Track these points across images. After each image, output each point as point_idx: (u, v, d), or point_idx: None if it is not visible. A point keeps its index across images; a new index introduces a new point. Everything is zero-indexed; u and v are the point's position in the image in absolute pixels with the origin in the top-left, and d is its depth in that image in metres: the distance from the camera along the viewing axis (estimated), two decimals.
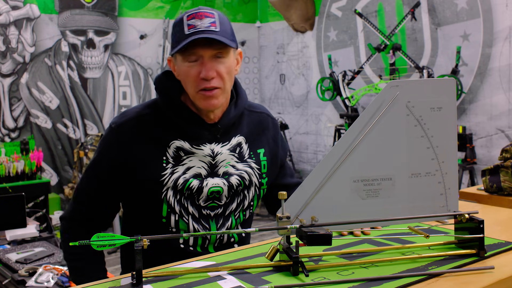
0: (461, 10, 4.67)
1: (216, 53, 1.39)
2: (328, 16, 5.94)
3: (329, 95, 5.48)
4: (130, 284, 1.01)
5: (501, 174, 1.79)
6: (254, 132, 1.56)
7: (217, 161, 1.47)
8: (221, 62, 1.40)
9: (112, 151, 1.45)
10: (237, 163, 1.50)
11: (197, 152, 1.45)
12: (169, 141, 1.44)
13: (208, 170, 1.46)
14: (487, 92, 4.53)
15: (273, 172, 1.60)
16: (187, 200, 1.44)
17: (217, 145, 1.47)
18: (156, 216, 1.44)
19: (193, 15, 1.39)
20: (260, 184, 1.54)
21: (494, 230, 1.36)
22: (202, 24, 1.37)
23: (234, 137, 1.51)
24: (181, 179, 1.42)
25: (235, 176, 1.48)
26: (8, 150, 4.90)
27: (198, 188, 1.43)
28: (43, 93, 5.31)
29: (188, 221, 1.44)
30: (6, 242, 2.96)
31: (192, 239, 1.46)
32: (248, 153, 1.53)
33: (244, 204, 1.52)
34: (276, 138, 1.62)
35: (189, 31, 1.37)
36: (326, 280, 1.03)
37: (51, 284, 2.28)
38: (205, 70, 1.37)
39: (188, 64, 1.40)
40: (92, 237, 1.00)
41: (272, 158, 1.59)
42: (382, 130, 1.14)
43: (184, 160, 1.44)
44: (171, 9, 6.13)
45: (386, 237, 1.29)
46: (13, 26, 5.12)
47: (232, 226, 1.50)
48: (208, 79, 1.38)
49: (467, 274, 1.06)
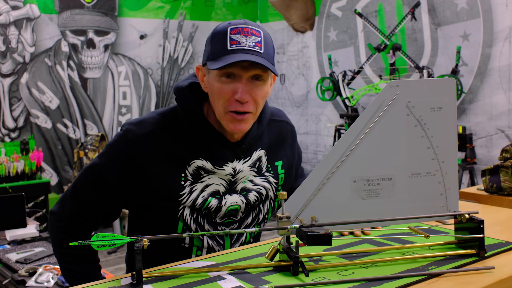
0: (461, 10, 4.67)
1: (255, 75, 1.30)
2: (328, 16, 5.94)
3: (329, 95, 5.48)
4: (130, 284, 1.01)
5: (501, 174, 1.79)
6: (274, 143, 1.51)
7: (236, 178, 1.42)
8: (258, 86, 1.31)
9: (124, 160, 1.36)
10: (255, 178, 1.45)
11: (219, 172, 1.39)
12: (190, 160, 1.37)
13: (227, 187, 1.41)
14: (487, 92, 4.53)
15: (288, 183, 1.56)
16: (203, 219, 1.40)
17: (238, 162, 1.42)
18: (169, 233, 1.39)
19: (238, 29, 1.29)
20: (275, 196, 1.51)
21: (494, 230, 1.36)
22: (247, 42, 1.28)
23: (256, 151, 1.46)
24: (200, 198, 1.37)
25: (253, 192, 1.44)
26: (8, 150, 4.90)
27: (217, 208, 1.39)
28: (43, 93, 5.31)
29: (202, 238, 1.40)
30: (6, 242, 2.96)
31: (205, 254, 1.41)
32: (266, 166, 1.48)
33: (259, 218, 1.49)
34: (293, 147, 1.58)
35: (232, 46, 1.27)
36: (326, 280, 1.03)
37: (51, 284, 2.28)
38: (241, 93, 1.28)
39: (223, 80, 1.30)
40: (92, 237, 1.00)
41: (289, 169, 1.55)
42: (382, 130, 1.14)
43: (203, 178, 1.39)
44: (171, 9, 6.13)
45: (386, 237, 1.29)
46: (13, 26, 5.12)
47: (246, 240, 1.47)
48: (243, 102, 1.29)
49: (467, 274, 1.06)
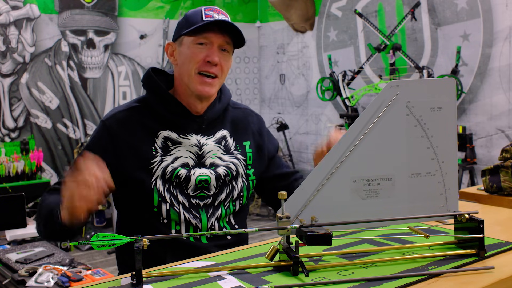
0: (461, 10, 4.67)
1: (223, 44, 1.49)
2: (328, 16, 5.94)
3: (329, 95, 5.48)
4: (130, 284, 1.01)
5: (501, 174, 1.79)
6: (239, 125, 1.63)
7: (203, 151, 1.52)
8: (225, 55, 1.51)
9: (103, 141, 1.49)
10: (224, 155, 1.56)
11: (184, 142, 1.51)
12: (157, 131, 1.50)
13: (196, 161, 1.51)
14: (487, 92, 4.53)
15: (259, 164, 1.64)
16: (176, 189, 1.48)
17: (202, 137, 1.54)
18: (147, 206, 1.46)
19: (210, 8, 1.49)
20: (247, 175, 1.59)
21: (494, 230, 1.36)
22: (219, 17, 1.48)
23: (219, 131, 1.58)
24: (170, 167, 1.47)
25: (222, 167, 1.53)
26: (8, 150, 4.90)
27: (186, 177, 1.48)
28: (43, 93, 5.31)
29: (179, 210, 1.47)
30: (6, 242, 2.96)
31: (184, 229, 1.48)
32: (234, 146, 1.59)
33: (233, 194, 1.55)
34: (261, 131, 1.68)
35: (207, 19, 1.47)
36: (326, 280, 1.03)
37: (51, 284, 2.28)
38: (212, 55, 1.47)
39: (196, 46, 1.48)
40: (92, 237, 1.00)
41: (258, 150, 1.64)
42: (382, 130, 1.14)
43: (172, 150, 1.50)
44: (171, 9, 6.12)
45: (386, 237, 1.29)
46: (13, 26, 5.12)
47: (222, 215, 1.53)
48: (212, 64, 1.47)
49: (467, 274, 1.06)
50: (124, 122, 1.50)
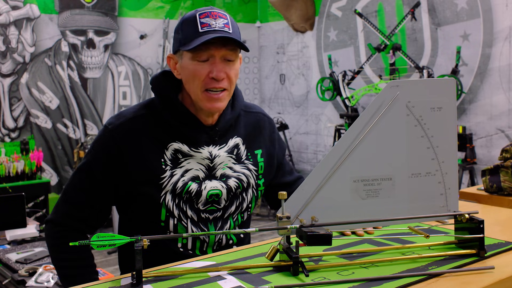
0: (461, 10, 4.67)
1: (226, 54, 1.37)
2: (328, 16, 5.94)
3: (329, 95, 5.47)
4: (130, 284, 1.01)
5: (501, 174, 1.79)
6: (251, 133, 1.55)
7: (215, 163, 1.45)
8: (229, 65, 1.39)
9: (108, 151, 1.41)
10: (235, 165, 1.49)
11: (196, 155, 1.43)
12: (167, 143, 1.42)
13: (206, 173, 1.44)
14: (487, 92, 4.53)
15: (269, 173, 1.59)
16: (185, 204, 1.42)
17: (214, 147, 1.46)
18: (154, 220, 1.42)
19: (206, 13, 1.37)
20: (257, 185, 1.54)
21: (494, 230, 1.36)
22: (217, 24, 1.36)
23: (231, 138, 1.50)
24: (180, 182, 1.40)
25: (233, 179, 1.47)
26: (8, 150, 4.90)
27: (197, 192, 1.42)
28: (43, 93, 5.31)
29: (186, 225, 1.43)
30: (6, 242, 2.96)
31: (191, 243, 1.44)
32: (246, 155, 1.52)
33: (243, 206, 1.51)
34: (272, 137, 1.61)
35: (203, 29, 1.35)
36: (326, 280, 1.03)
37: (51, 284, 2.28)
38: (216, 71, 1.36)
39: (197, 63, 1.37)
40: (92, 237, 1.00)
41: (269, 158, 1.58)
42: (382, 130, 1.14)
43: (182, 163, 1.42)
44: (171, 9, 6.13)
45: (386, 237, 1.29)
46: (13, 26, 5.12)
47: (230, 228, 1.49)
48: (218, 80, 1.37)
49: (467, 274, 1.06)
50: (132, 132, 1.41)
